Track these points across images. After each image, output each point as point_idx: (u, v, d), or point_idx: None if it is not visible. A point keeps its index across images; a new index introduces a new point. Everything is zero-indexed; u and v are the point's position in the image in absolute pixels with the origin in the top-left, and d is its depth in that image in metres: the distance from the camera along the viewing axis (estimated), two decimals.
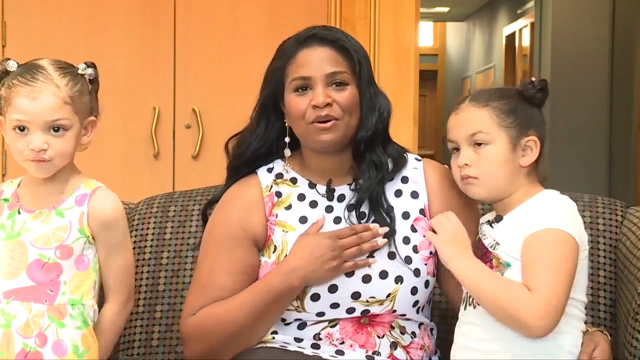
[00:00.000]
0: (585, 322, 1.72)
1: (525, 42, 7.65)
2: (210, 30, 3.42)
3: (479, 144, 1.72)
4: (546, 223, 1.63)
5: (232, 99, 3.33)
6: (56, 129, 1.69)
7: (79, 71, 1.75)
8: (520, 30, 7.90)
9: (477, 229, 1.78)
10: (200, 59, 3.41)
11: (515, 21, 8.10)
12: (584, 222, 2.05)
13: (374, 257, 1.79)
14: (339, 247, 1.75)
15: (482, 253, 1.72)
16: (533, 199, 1.71)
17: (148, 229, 2.23)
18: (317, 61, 1.79)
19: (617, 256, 2.03)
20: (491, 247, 1.70)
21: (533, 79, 1.77)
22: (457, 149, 1.75)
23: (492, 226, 1.73)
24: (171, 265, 2.20)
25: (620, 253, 2.01)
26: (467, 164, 1.72)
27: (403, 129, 3.26)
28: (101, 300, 1.81)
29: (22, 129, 1.70)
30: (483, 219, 1.77)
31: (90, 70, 1.75)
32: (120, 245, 1.78)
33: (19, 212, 1.75)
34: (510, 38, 8.34)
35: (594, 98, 6.51)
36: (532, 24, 7.19)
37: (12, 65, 1.72)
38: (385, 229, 1.80)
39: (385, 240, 1.80)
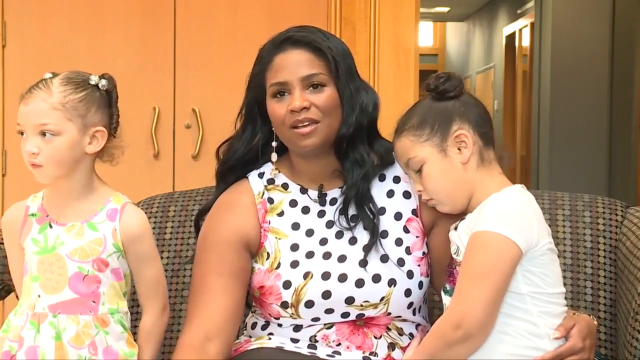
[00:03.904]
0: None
1: (525, 42, 7.66)
2: (210, 30, 3.42)
3: (419, 170, 1.73)
4: (484, 225, 1.63)
5: (232, 99, 3.30)
6: (45, 134, 1.71)
7: (90, 82, 1.76)
8: (520, 30, 7.90)
9: None
10: (200, 59, 3.41)
11: (515, 21, 8.10)
12: (584, 222, 2.07)
13: (367, 262, 1.78)
14: None
15: (450, 262, 1.73)
16: (488, 199, 1.69)
17: None
18: (292, 65, 1.78)
19: (617, 256, 2.03)
20: (455, 253, 1.71)
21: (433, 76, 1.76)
22: None
23: (455, 230, 1.73)
24: (171, 265, 2.20)
25: (620, 253, 2.01)
26: (420, 191, 1.75)
27: None
28: (133, 310, 1.87)
29: (22, 133, 1.74)
30: (452, 226, 1.77)
31: (103, 82, 1.77)
32: (150, 257, 1.81)
33: (50, 226, 1.77)
34: (510, 38, 8.34)
35: (594, 98, 6.51)
36: (532, 24, 7.20)
37: (46, 77, 1.77)
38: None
39: None
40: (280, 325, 1.82)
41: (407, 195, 1.86)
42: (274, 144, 1.87)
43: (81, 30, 3.38)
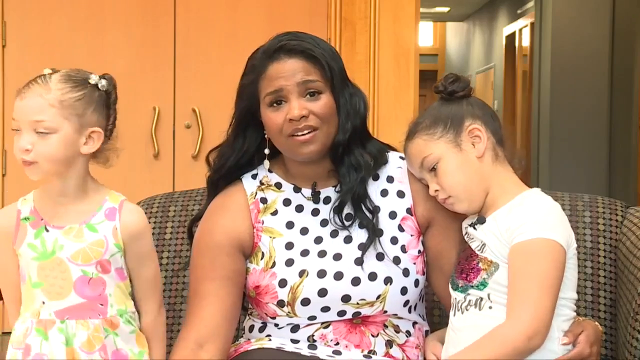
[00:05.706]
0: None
1: (525, 42, 7.66)
2: (210, 30, 3.42)
3: (433, 168, 1.73)
4: (532, 232, 1.62)
5: (232, 99, 3.32)
6: (40, 130, 1.67)
7: (90, 81, 1.73)
8: (520, 30, 7.90)
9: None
10: (200, 59, 3.42)
11: (515, 21, 8.10)
12: (584, 222, 2.07)
13: (363, 260, 1.78)
14: None
15: (467, 256, 1.72)
16: (515, 200, 1.69)
17: None
18: (288, 73, 1.78)
19: (617, 256, 2.03)
20: (478, 249, 1.70)
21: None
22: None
23: (475, 228, 1.73)
24: (171, 265, 2.20)
25: (620, 253, 2.01)
26: (436, 190, 1.75)
27: (403, 129, 3.26)
28: None
29: (18, 129, 1.69)
30: (465, 222, 1.77)
31: (103, 82, 1.73)
32: (149, 255, 1.79)
33: (47, 230, 1.72)
34: (510, 38, 8.34)
35: (594, 98, 6.51)
36: (532, 24, 7.20)
37: (45, 72, 1.73)
38: None
39: None
40: (276, 325, 1.82)
41: (400, 194, 1.86)
42: (266, 151, 1.87)
43: (81, 30, 3.39)
